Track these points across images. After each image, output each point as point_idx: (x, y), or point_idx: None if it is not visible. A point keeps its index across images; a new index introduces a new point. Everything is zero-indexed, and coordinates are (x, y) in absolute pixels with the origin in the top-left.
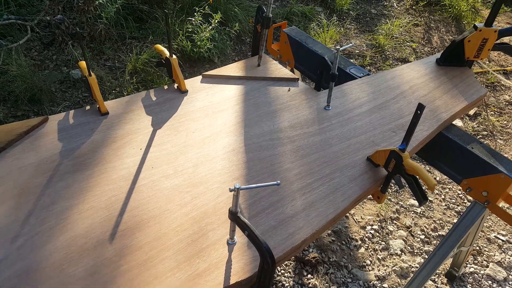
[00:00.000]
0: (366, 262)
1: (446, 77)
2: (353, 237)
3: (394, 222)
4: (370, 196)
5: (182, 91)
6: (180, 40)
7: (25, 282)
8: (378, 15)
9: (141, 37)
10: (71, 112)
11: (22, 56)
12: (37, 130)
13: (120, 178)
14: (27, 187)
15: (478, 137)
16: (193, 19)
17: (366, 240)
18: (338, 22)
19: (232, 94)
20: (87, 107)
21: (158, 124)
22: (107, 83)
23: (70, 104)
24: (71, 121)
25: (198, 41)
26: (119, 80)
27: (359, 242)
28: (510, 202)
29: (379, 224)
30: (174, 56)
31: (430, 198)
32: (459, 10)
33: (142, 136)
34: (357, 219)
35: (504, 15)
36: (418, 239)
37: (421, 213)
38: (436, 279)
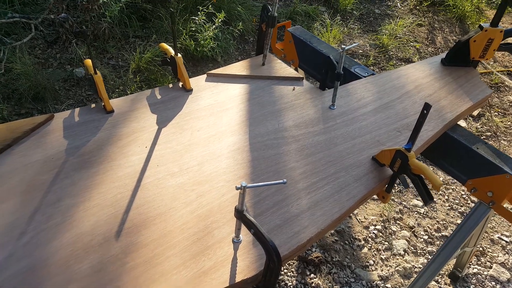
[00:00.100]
0: (369, 262)
1: (451, 77)
2: (356, 237)
3: (398, 222)
4: (373, 196)
5: (187, 90)
6: (183, 39)
7: (31, 278)
8: (381, 15)
9: (144, 36)
10: (77, 110)
11: (26, 54)
12: (42, 128)
13: (125, 176)
14: (33, 184)
15: (482, 138)
16: (196, 18)
17: (369, 240)
18: (341, 22)
19: (236, 93)
20: (93, 105)
21: (163, 122)
22: (111, 82)
23: (73, 102)
24: (77, 118)
25: (202, 40)
26: (123, 78)
27: (362, 242)
28: None
29: (382, 224)
30: (179, 54)
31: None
32: (463, 10)
33: (147, 134)
34: (360, 219)
35: (508, 16)
36: (422, 240)
37: (424, 213)
38: (439, 280)
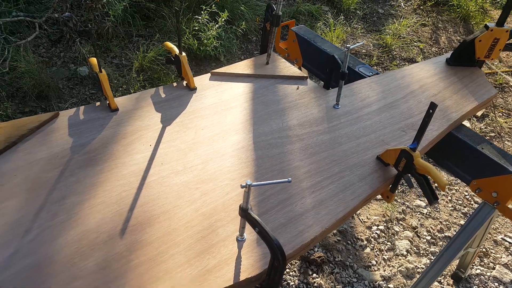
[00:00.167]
0: (371, 262)
1: (456, 77)
2: (358, 237)
3: (400, 222)
4: (377, 196)
5: (191, 88)
6: (186, 38)
7: (36, 276)
8: (385, 15)
9: (148, 35)
10: (82, 108)
11: (30, 53)
12: (48, 125)
13: (130, 174)
14: (38, 182)
15: (486, 138)
16: (199, 18)
17: (372, 240)
18: (345, 21)
19: (240, 92)
20: (97, 103)
21: (167, 120)
22: (114, 81)
23: (77, 101)
24: (82, 116)
25: (205, 39)
26: (126, 77)
27: (365, 242)
28: None
29: (385, 224)
30: (183, 53)
31: None
32: (467, 10)
33: (151, 132)
34: (362, 219)
35: None
36: (424, 240)
37: (427, 214)
38: (442, 280)
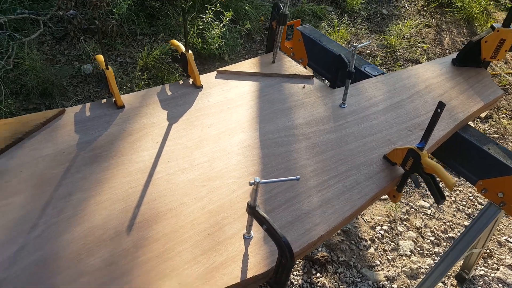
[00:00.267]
0: (375, 262)
1: (462, 77)
2: (362, 237)
3: (404, 223)
4: (383, 195)
5: (197, 86)
6: (191, 37)
7: (42, 271)
8: (389, 16)
9: (152, 33)
10: (88, 104)
11: (35, 50)
12: (54, 122)
13: (136, 171)
14: (44, 178)
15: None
16: (204, 17)
17: (376, 240)
18: (349, 22)
19: (246, 90)
20: (103, 100)
21: (173, 118)
22: (118, 79)
23: (81, 98)
24: (88, 113)
25: (209, 38)
26: (130, 76)
27: (369, 242)
28: None
29: (389, 224)
30: (190, 51)
31: None
32: (471, 12)
33: (158, 129)
34: (366, 219)
35: None
36: (428, 241)
37: (431, 214)
38: (446, 281)
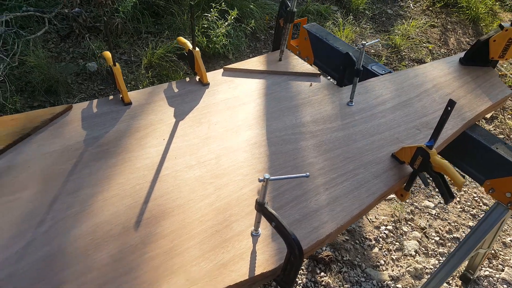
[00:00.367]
0: (380, 262)
1: (469, 76)
2: (367, 236)
3: (409, 223)
4: (391, 194)
5: (204, 84)
6: (195, 35)
7: (50, 266)
8: (394, 15)
9: (157, 32)
10: (95, 101)
11: (40, 47)
12: (61, 118)
13: (144, 167)
14: (52, 173)
15: None
16: (209, 15)
17: (380, 240)
18: (354, 21)
19: (253, 88)
20: (110, 97)
21: (180, 115)
22: (123, 77)
23: (86, 96)
24: (95, 110)
25: (214, 37)
26: (135, 74)
27: (373, 242)
28: None
29: (394, 224)
30: (197, 48)
31: None
32: (477, 12)
33: (165, 126)
34: (371, 219)
35: None
36: (433, 241)
37: (435, 214)
38: (450, 281)
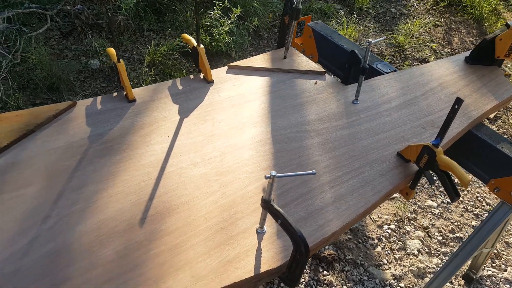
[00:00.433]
0: (382, 261)
1: (475, 75)
2: (369, 235)
3: (412, 222)
4: (396, 192)
5: (208, 81)
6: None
7: (54, 262)
8: (398, 15)
9: (159, 29)
10: (99, 98)
11: (42, 45)
12: (65, 114)
13: (148, 164)
14: (56, 170)
15: None
16: (212, 13)
17: (383, 239)
18: (357, 20)
19: (258, 86)
20: (114, 94)
21: (184, 112)
22: None
23: (88, 93)
24: (99, 106)
25: (217, 35)
26: (137, 71)
27: (376, 241)
28: None
29: (396, 223)
30: (201, 45)
31: (448, 200)
32: (481, 11)
33: (169, 124)
34: (374, 218)
35: None
36: (436, 240)
37: (438, 214)
38: (453, 281)
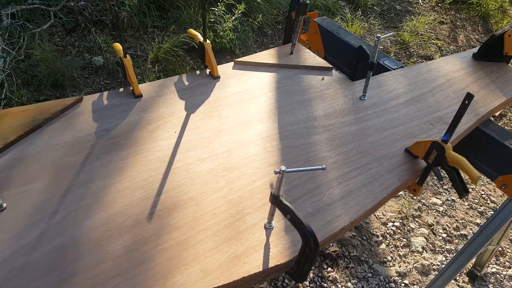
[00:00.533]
0: (387, 258)
1: (483, 72)
2: (374, 233)
3: (416, 219)
4: (404, 188)
5: (214, 77)
6: (202, 30)
7: (63, 257)
8: (403, 12)
9: (163, 26)
10: (105, 93)
11: (46, 41)
12: (71, 110)
13: (156, 160)
14: (63, 165)
15: None
16: (216, 9)
17: (387, 236)
18: (362, 17)
19: (264, 81)
20: (121, 89)
21: (191, 108)
22: None
23: (92, 90)
24: (105, 102)
25: (221, 31)
26: (141, 68)
27: (380, 238)
28: None
29: (401, 221)
30: (208, 40)
31: (452, 198)
32: (487, 9)
33: (176, 119)
34: (378, 215)
35: None
36: (440, 238)
37: (443, 212)
38: (457, 278)
